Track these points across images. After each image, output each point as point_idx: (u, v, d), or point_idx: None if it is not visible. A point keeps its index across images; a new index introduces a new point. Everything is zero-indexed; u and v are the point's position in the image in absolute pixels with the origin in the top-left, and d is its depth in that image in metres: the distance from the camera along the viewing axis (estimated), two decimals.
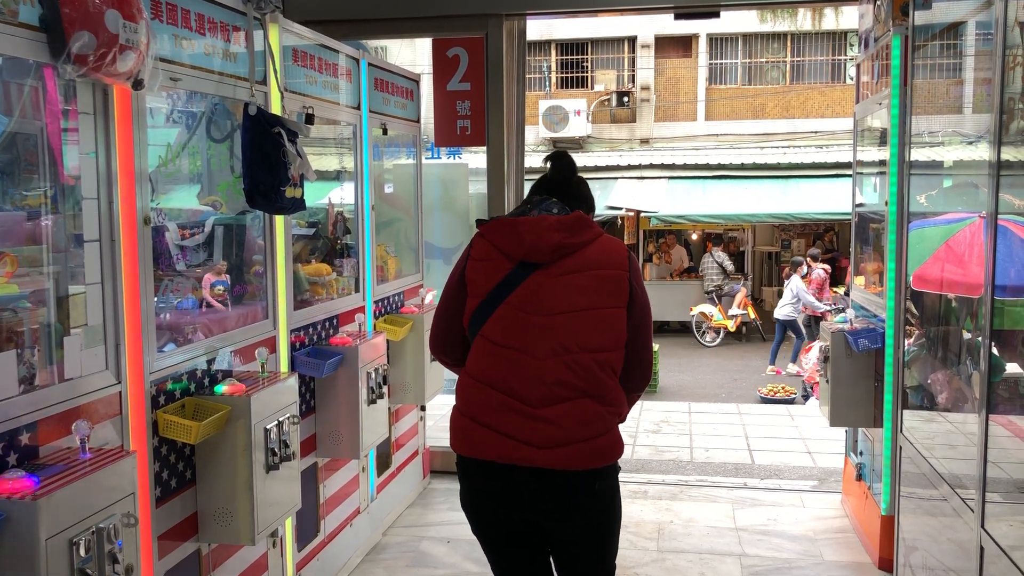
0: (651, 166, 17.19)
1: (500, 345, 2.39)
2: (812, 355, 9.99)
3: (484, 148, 5.64)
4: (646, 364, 2.54)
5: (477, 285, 2.46)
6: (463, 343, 2.52)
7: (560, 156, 2.69)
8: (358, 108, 4.46)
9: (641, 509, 5.11)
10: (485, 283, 2.44)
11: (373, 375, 4.01)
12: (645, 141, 18.74)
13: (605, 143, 18.67)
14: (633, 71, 19.12)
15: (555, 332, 2.36)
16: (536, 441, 2.32)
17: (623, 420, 2.49)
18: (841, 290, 14.67)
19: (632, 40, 18.92)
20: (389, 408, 4.64)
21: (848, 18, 17.22)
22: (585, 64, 19.38)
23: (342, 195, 4.63)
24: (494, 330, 2.41)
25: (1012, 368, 2.86)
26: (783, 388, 10.73)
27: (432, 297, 5.46)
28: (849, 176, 5.41)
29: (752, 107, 18.70)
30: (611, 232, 2.66)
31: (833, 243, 17.79)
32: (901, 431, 3.68)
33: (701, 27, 17.97)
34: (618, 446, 2.44)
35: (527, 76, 6.48)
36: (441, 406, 7.00)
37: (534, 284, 2.40)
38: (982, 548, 2.62)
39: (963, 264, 3.14)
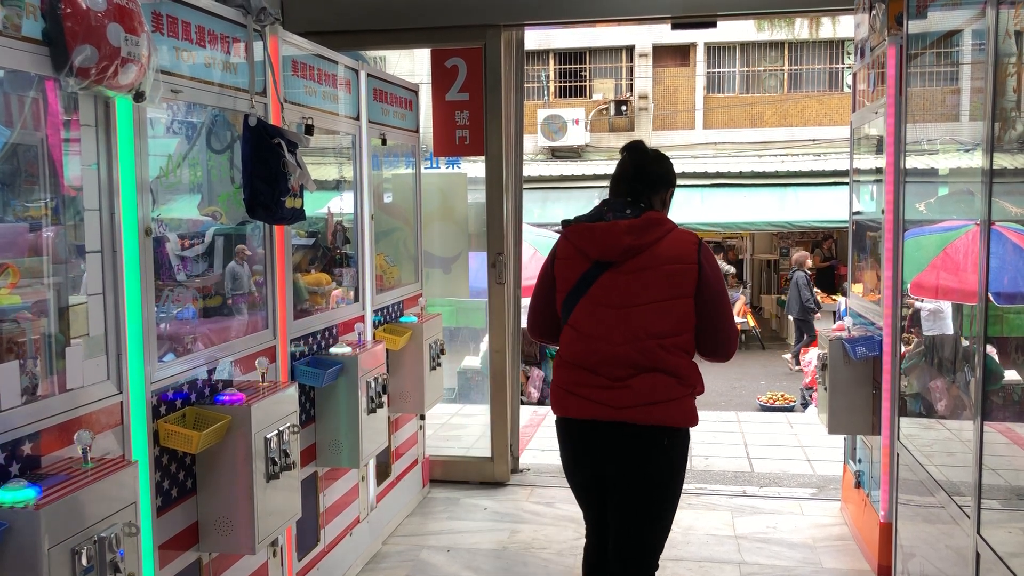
0: None
1: (584, 334, 2.83)
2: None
3: (483, 157, 5.66)
4: (723, 339, 2.87)
5: (562, 280, 2.90)
6: (557, 326, 2.95)
7: (632, 148, 3.04)
8: (357, 118, 4.48)
9: None
10: (569, 279, 2.87)
11: (373, 384, 4.02)
12: None
13: (603, 152, 18.69)
14: (631, 80, 19.17)
15: (627, 323, 2.76)
16: (615, 403, 2.75)
17: (699, 393, 2.87)
18: (838, 297, 14.71)
19: (630, 49, 18.98)
20: (389, 417, 4.65)
21: (845, 27, 17.28)
22: (583, 73, 19.44)
23: (341, 205, 4.65)
24: (578, 320, 2.84)
25: (1011, 375, 2.87)
26: (782, 396, 10.74)
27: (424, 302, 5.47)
28: (847, 184, 5.44)
29: (750, 116, 18.75)
30: None
31: (832, 251, 17.82)
32: (899, 438, 3.69)
33: (698, 36, 18.02)
34: (688, 414, 2.81)
35: (525, 85, 6.51)
36: (441, 415, 7.02)
37: (608, 281, 2.80)
38: (978, 555, 2.63)
39: (959, 272, 3.16)
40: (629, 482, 2.82)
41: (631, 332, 2.75)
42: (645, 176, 2.96)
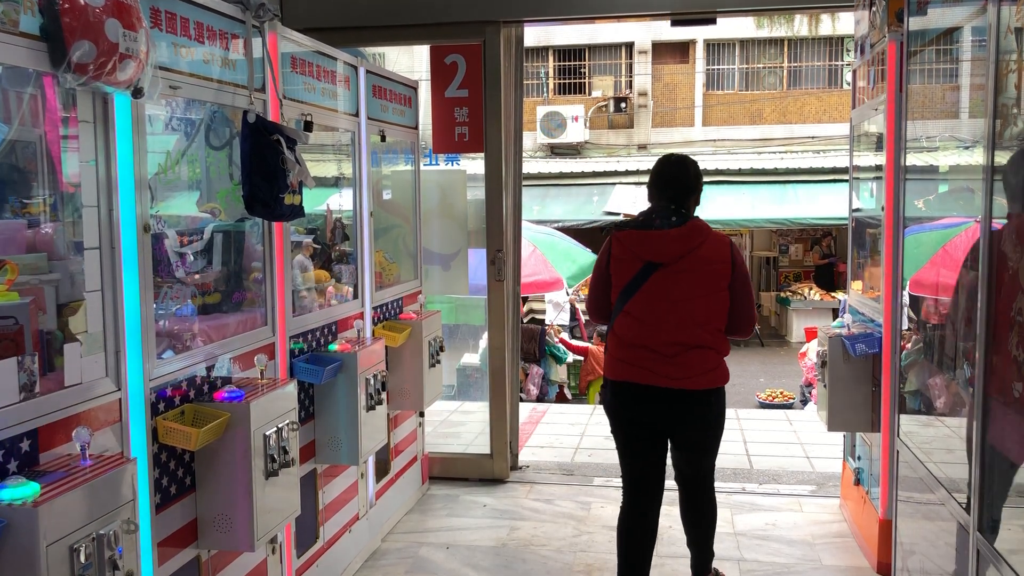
0: (649, 172, 17.14)
1: (640, 320, 3.47)
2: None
3: (482, 154, 5.65)
4: (747, 321, 3.56)
5: (618, 277, 3.53)
6: (610, 310, 3.59)
7: (673, 161, 3.70)
8: (356, 115, 4.48)
9: None
10: (624, 276, 3.50)
11: (372, 381, 4.02)
12: (643, 147, 18.76)
13: (603, 149, 18.69)
14: (631, 77, 19.15)
15: (678, 312, 3.43)
16: (666, 374, 3.44)
17: (726, 355, 3.55)
18: (839, 294, 14.70)
19: (629, 46, 18.96)
20: (388, 414, 4.65)
21: (844, 24, 17.26)
22: (583, 70, 19.42)
23: (340, 202, 4.64)
24: (634, 309, 3.48)
25: None
26: (782, 393, 10.74)
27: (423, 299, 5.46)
28: (846, 181, 5.43)
29: (749, 113, 18.74)
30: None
31: (831, 248, 17.81)
32: (898, 435, 3.69)
33: (698, 33, 18.01)
34: (725, 375, 3.54)
35: (525, 82, 6.50)
36: (440, 412, 7.02)
37: (660, 278, 3.44)
38: (978, 552, 2.63)
39: (959, 269, 3.15)
40: (687, 429, 3.57)
41: (681, 320, 3.43)
42: (685, 184, 3.62)
